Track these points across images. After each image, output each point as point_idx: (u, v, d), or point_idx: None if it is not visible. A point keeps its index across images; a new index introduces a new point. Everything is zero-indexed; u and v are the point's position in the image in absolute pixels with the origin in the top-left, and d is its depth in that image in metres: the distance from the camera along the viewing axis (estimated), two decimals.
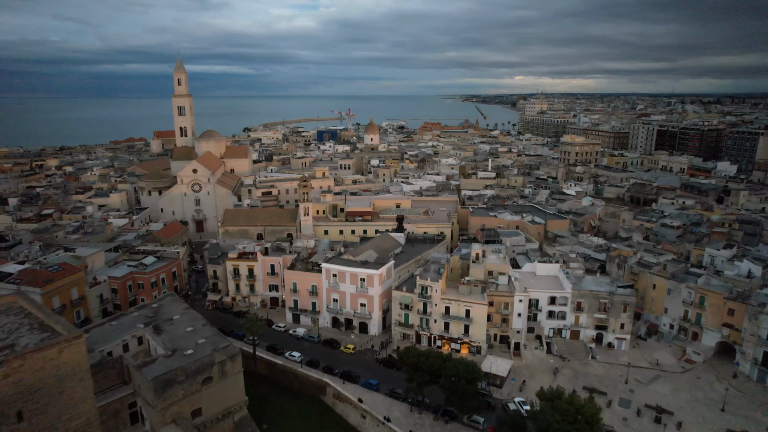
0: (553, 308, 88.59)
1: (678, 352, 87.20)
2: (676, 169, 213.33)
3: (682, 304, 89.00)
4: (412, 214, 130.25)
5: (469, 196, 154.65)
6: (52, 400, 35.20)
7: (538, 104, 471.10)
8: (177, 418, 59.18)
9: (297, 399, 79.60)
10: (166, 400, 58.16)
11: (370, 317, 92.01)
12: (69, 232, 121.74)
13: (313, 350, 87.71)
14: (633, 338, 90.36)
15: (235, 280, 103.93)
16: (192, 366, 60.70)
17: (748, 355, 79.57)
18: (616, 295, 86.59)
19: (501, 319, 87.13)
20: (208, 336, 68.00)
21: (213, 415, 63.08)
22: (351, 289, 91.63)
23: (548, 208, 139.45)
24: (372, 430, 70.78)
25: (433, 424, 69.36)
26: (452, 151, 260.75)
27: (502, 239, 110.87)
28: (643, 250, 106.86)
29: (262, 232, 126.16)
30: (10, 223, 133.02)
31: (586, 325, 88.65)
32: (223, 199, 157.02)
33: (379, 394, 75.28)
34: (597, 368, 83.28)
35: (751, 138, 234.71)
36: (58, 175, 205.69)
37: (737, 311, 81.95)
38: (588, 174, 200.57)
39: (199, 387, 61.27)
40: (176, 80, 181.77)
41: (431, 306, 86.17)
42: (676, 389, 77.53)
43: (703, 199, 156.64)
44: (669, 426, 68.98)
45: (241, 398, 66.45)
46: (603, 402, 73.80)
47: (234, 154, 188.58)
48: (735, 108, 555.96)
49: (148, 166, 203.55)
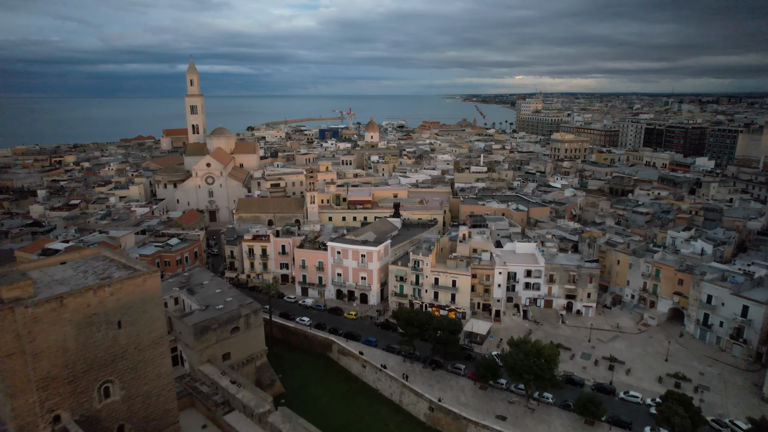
0: (529, 280, 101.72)
1: (637, 318, 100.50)
2: (659, 165, 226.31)
3: (641, 276, 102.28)
4: (408, 202, 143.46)
5: (462, 188, 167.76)
6: (139, 316, 48.16)
7: (534, 104, 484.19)
8: (211, 359, 72.54)
9: (307, 355, 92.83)
10: (203, 343, 71.53)
11: (369, 289, 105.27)
12: (98, 218, 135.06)
13: (320, 316, 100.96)
14: (599, 307, 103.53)
15: (250, 259, 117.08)
16: (223, 317, 74.07)
17: (692, 317, 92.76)
18: (583, 268, 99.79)
19: (483, 289, 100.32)
20: (234, 296, 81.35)
21: (239, 360, 76.40)
22: (353, 264, 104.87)
23: (533, 198, 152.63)
24: (371, 376, 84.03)
25: (423, 371, 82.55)
26: (448, 148, 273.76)
27: (487, 224, 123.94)
28: (613, 233, 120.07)
29: (272, 218, 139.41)
30: (43, 211, 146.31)
31: (557, 294, 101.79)
32: (234, 191, 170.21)
33: (377, 349, 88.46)
34: (565, 330, 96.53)
35: (731, 135, 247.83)
36: (76, 170, 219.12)
37: (685, 281, 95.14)
38: (574, 169, 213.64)
39: (228, 335, 74.61)
40: (189, 81, 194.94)
41: (422, 277, 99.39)
42: (630, 346, 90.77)
43: (677, 190, 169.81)
44: (620, 372, 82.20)
45: (261, 347, 79.79)
46: (567, 355, 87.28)
47: (243, 150, 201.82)
48: (729, 107, 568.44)
49: (161, 161, 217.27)
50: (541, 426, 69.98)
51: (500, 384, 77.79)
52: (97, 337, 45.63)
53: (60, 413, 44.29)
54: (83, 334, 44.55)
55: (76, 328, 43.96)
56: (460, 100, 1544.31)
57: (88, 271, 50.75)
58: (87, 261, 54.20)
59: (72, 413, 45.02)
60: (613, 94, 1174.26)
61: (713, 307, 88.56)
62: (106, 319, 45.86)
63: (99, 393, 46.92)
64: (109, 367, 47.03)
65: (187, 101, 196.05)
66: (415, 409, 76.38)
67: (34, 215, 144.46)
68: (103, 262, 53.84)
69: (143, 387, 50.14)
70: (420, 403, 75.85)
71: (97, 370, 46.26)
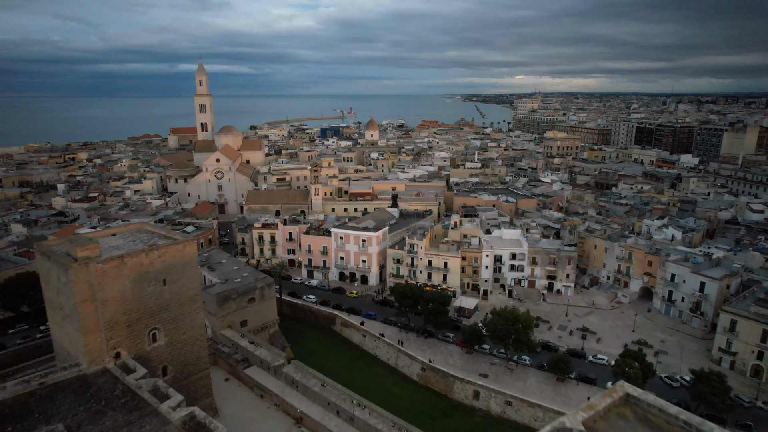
0: (514, 262, 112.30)
1: (611, 296, 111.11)
2: (646, 162, 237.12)
3: (615, 259, 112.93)
4: (406, 195, 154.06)
5: (457, 183, 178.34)
6: (180, 276, 58.50)
7: (530, 103, 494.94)
8: (231, 325, 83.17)
9: (313, 328, 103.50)
10: (224, 311, 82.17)
11: (369, 271, 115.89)
12: (118, 209, 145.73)
13: (325, 295, 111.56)
14: (578, 287, 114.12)
15: (260, 245, 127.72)
16: (241, 288, 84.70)
17: (659, 294, 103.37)
18: (562, 251, 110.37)
19: (472, 270, 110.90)
20: (249, 271, 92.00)
21: (255, 327, 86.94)
22: (354, 248, 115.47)
23: (523, 191, 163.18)
24: (371, 344, 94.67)
25: (416, 339, 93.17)
26: (446, 146, 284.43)
27: (478, 214, 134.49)
28: (594, 222, 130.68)
29: (279, 209, 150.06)
30: (65, 203, 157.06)
31: (539, 275, 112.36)
32: (242, 185, 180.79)
33: (376, 322, 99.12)
34: (546, 307, 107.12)
35: (716, 134, 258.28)
36: (90, 167, 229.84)
37: (654, 263, 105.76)
38: (565, 165, 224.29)
39: (246, 304, 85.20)
40: (198, 81, 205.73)
41: (417, 260, 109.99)
42: (603, 320, 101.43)
43: (659, 184, 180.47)
44: (591, 341, 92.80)
45: (274, 317, 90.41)
46: (546, 327, 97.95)
47: (249, 147, 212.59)
48: (725, 107, 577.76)
49: (170, 158, 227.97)
50: (518, 383, 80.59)
51: (484, 349, 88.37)
52: (148, 291, 56.00)
53: (120, 351, 54.68)
54: (137, 287, 54.90)
55: (132, 282, 54.32)
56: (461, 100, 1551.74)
57: (136, 240, 61.26)
58: (133, 233, 64.75)
59: (129, 352, 55.46)
60: (613, 94, 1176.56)
61: (676, 284, 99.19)
62: (155, 277, 56.27)
63: (148, 337, 57.28)
64: (156, 317, 57.42)
65: (196, 100, 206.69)
66: (409, 370, 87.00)
67: (57, 207, 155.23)
68: (146, 234, 64.38)
69: (182, 336, 60.60)
70: (413, 365, 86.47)
71: (147, 318, 56.64)
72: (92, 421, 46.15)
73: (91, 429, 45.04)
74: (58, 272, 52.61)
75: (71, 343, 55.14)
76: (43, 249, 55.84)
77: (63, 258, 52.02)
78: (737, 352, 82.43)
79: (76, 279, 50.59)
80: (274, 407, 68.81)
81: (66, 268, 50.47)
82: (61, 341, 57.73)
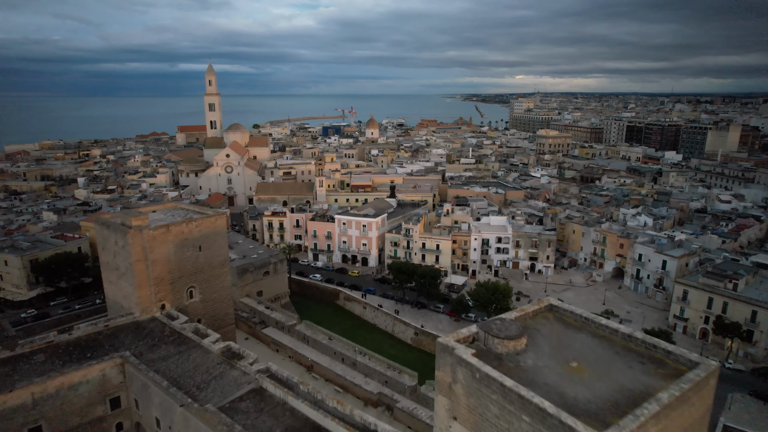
0: (500, 245, 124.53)
1: (587, 276, 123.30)
2: (633, 158, 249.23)
3: (592, 243, 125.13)
4: (403, 187, 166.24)
5: (451, 177, 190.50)
6: (212, 244, 70.61)
7: (526, 102, 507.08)
8: (249, 294, 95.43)
9: (319, 302, 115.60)
10: (243, 281, 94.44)
11: (369, 253, 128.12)
12: (137, 199, 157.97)
13: (329, 274, 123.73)
14: (558, 268, 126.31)
15: (269, 232, 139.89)
16: (257, 262, 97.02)
17: (629, 273, 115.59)
18: (542, 235, 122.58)
19: (462, 252, 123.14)
20: (264, 250, 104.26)
21: (269, 297, 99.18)
22: (356, 233, 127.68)
23: (513, 184, 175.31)
24: (370, 314, 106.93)
25: (410, 310, 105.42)
26: (443, 144, 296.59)
27: (470, 203, 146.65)
28: (575, 210, 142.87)
29: (286, 199, 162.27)
30: (87, 194, 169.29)
31: (523, 257, 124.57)
32: (250, 178, 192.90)
33: (375, 296, 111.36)
34: (528, 285, 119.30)
35: (701, 132, 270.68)
36: (104, 162, 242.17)
37: (625, 245, 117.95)
38: (555, 161, 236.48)
39: (261, 277, 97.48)
40: (207, 81, 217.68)
41: (412, 242, 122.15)
42: (577, 295, 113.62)
43: (641, 178, 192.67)
44: None
45: (285, 289, 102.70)
46: (526, 300, 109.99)
47: (256, 144, 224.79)
48: (720, 107, 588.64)
49: (180, 154, 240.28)
50: None
51: (470, 317, 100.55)
52: (187, 255, 68.14)
53: (165, 303, 66.83)
54: (179, 252, 67.02)
55: (175, 247, 66.45)
56: (461, 100, 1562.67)
57: (174, 215, 73.39)
58: (170, 210, 76.97)
59: (172, 305, 67.60)
60: (613, 94, 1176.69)
61: (643, 263, 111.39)
62: (192, 244, 68.46)
63: (186, 294, 69.46)
64: (193, 277, 69.58)
65: (206, 99, 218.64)
66: (404, 335, 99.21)
67: (79, 197, 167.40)
68: (182, 210, 76.64)
69: (213, 294, 72.79)
70: (407, 331, 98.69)
71: (186, 278, 68.80)
72: (151, 351, 58.48)
73: (152, 356, 57.34)
74: (117, 237, 64.90)
75: (125, 298, 67.43)
76: (102, 220, 68.26)
77: (120, 226, 64.33)
78: (689, 318, 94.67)
79: (132, 242, 62.88)
80: (288, 359, 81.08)
81: (125, 233, 62.80)
82: (115, 297, 70.05)
